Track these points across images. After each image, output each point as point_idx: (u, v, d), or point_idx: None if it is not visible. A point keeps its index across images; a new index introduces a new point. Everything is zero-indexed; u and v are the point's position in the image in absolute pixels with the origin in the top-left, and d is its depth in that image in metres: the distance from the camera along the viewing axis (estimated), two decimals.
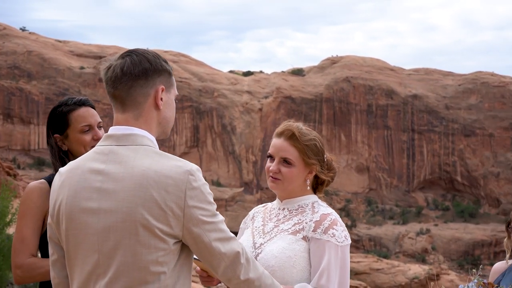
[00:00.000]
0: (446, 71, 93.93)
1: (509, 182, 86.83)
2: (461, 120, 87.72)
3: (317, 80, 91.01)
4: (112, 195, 2.22)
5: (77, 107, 3.31)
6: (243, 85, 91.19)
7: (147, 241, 2.18)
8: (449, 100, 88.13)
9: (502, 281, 3.73)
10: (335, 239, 2.70)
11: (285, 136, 2.83)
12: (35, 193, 3.24)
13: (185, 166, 2.22)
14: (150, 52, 2.36)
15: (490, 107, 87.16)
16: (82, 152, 3.28)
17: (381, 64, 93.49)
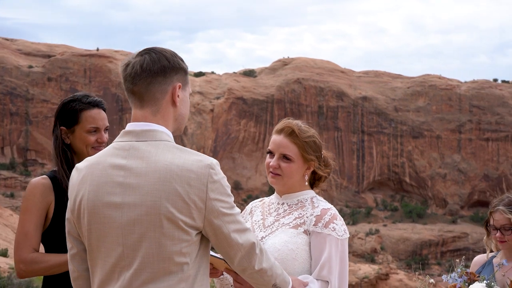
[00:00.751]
0: (395, 74, 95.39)
1: (456, 183, 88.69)
2: (410, 122, 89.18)
3: (268, 82, 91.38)
4: (136, 189, 2.28)
5: (91, 108, 3.36)
6: (195, 85, 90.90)
7: (171, 233, 2.25)
8: (398, 102, 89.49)
9: (482, 272, 3.86)
10: (336, 233, 2.80)
11: (285, 133, 2.92)
12: (37, 189, 3.27)
13: (206, 160, 2.31)
14: (167, 50, 2.44)
15: (437, 109, 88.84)
16: (84, 150, 3.33)
17: (331, 66, 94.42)
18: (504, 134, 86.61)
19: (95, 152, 3.33)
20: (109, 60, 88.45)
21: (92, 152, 3.33)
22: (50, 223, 3.28)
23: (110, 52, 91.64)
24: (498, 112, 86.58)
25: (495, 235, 3.86)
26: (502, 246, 3.88)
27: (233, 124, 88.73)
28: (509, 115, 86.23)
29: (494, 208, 3.89)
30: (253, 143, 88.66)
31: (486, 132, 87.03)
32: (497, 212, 3.86)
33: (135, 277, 2.27)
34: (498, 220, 3.84)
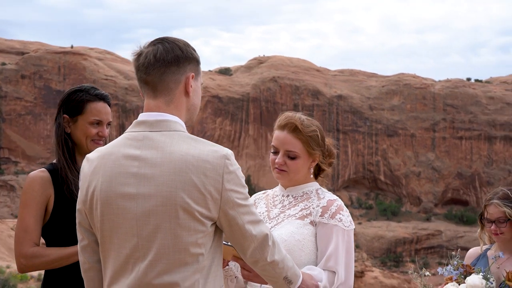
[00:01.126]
0: (370, 73, 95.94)
1: (430, 181, 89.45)
2: (384, 121, 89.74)
3: (244, 80, 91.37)
4: (151, 180, 2.26)
5: (97, 100, 3.34)
6: None
7: (187, 223, 2.24)
8: (373, 101, 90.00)
9: (477, 265, 3.89)
10: (342, 224, 2.81)
11: (288, 129, 2.91)
12: (36, 182, 3.23)
13: (221, 151, 2.30)
14: (180, 40, 2.43)
15: (412, 108, 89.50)
16: (83, 142, 3.30)
17: (307, 64, 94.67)
18: (477, 133, 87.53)
19: (94, 145, 3.30)
20: (83, 57, 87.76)
21: (91, 145, 3.30)
22: (50, 217, 3.25)
23: (84, 49, 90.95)
24: (471, 111, 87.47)
25: (490, 228, 3.89)
26: (497, 239, 3.92)
27: (209, 122, 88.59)
28: (482, 114, 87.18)
29: (488, 201, 3.92)
30: (229, 141, 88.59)
31: (460, 131, 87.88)
32: (491, 205, 3.89)
33: (150, 268, 2.25)
34: (493, 213, 3.87)
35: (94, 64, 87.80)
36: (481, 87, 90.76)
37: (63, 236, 3.24)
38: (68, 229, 3.22)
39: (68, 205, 3.22)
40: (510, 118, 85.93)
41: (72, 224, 3.21)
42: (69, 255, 3.18)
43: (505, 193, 3.90)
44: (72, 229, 3.21)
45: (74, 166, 3.29)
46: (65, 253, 3.19)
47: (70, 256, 3.18)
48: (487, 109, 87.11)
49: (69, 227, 3.21)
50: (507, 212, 3.83)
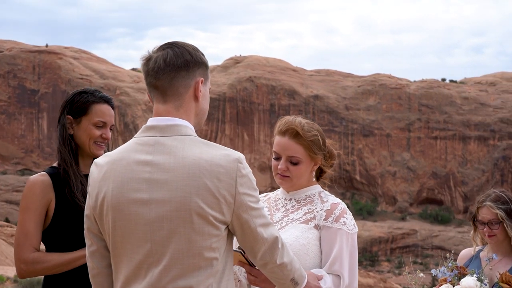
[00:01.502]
0: (346, 73, 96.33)
1: (405, 181, 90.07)
2: (360, 121, 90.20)
3: (220, 80, 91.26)
4: (164, 185, 2.26)
5: (102, 102, 3.32)
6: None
7: (202, 228, 2.24)
8: (348, 101, 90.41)
9: (470, 266, 3.93)
10: (346, 227, 2.83)
11: (289, 134, 2.91)
12: (37, 186, 3.18)
13: (234, 155, 2.31)
14: (189, 45, 2.42)
15: (387, 108, 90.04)
16: (86, 144, 3.26)
17: (283, 64, 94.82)
18: (451, 133, 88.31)
19: (96, 147, 3.27)
20: (58, 56, 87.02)
21: (94, 147, 3.27)
22: (51, 222, 3.20)
23: (60, 48, 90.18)
24: (446, 111, 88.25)
25: (483, 229, 3.94)
26: (490, 241, 3.96)
27: None
28: (456, 114, 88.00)
29: (481, 203, 3.97)
30: None
31: (435, 131, 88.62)
32: (484, 208, 3.94)
33: (164, 273, 2.25)
34: (486, 216, 3.92)
35: (69, 63, 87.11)
36: (455, 87, 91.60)
37: (63, 241, 3.20)
38: (69, 234, 3.18)
39: (69, 209, 3.19)
40: (484, 118, 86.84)
41: (73, 229, 3.18)
42: (69, 261, 3.15)
43: (497, 195, 3.95)
44: (73, 234, 3.18)
45: (77, 168, 3.26)
46: (66, 259, 3.15)
47: (71, 262, 3.15)
48: (461, 109, 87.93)
49: (70, 232, 3.18)
50: (499, 214, 3.88)
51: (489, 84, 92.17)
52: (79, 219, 3.14)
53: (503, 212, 3.87)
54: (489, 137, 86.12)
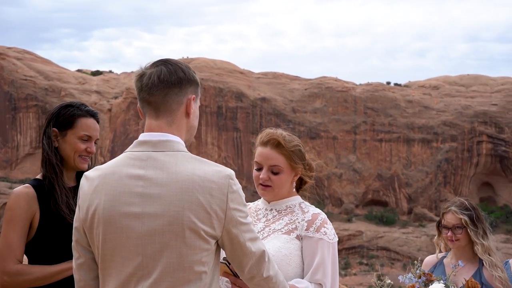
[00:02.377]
0: (293, 75, 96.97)
1: (351, 182, 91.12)
2: (307, 123, 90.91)
3: None
4: (157, 200, 2.30)
5: (87, 116, 3.34)
6: (92, 84, 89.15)
7: (193, 242, 2.29)
8: (295, 104, 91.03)
9: (434, 273, 4.05)
10: (327, 237, 2.91)
11: (271, 144, 2.98)
12: (21, 198, 3.17)
13: (225, 171, 2.38)
14: (182, 63, 2.51)
15: (334, 111, 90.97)
16: (71, 157, 3.27)
17: (231, 67, 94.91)
18: (396, 135, 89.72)
19: (81, 160, 3.29)
20: (1, 57, 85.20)
21: (78, 161, 3.28)
22: (35, 234, 3.19)
23: (2, 49, 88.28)
24: (391, 114, 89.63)
25: (447, 234, 4.08)
26: (453, 245, 4.10)
27: (132, 124, 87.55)
28: (401, 117, 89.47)
29: (446, 209, 4.13)
30: None
31: (380, 133, 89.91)
32: (449, 213, 4.09)
33: (154, 287, 2.28)
34: (450, 221, 4.07)
35: (13, 64, 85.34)
36: (400, 90, 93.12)
37: (47, 254, 3.20)
38: (53, 246, 3.18)
39: (54, 221, 3.19)
40: (427, 121, 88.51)
41: (58, 241, 3.18)
42: (53, 273, 3.14)
43: (462, 202, 4.11)
44: (58, 246, 3.18)
45: (62, 180, 3.26)
46: (49, 272, 3.14)
47: (54, 274, 3.14)
48: (405, 112, 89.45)
49: (54, 244, 3.18)
50: (463, 219, 4.02)
51: (433, 87, 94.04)
52: (64, 231, 3.14)
53: (467, 217, 4.02)
54: (432, 139, 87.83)
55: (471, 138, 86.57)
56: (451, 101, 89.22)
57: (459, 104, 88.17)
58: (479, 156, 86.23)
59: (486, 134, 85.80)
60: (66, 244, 3.19)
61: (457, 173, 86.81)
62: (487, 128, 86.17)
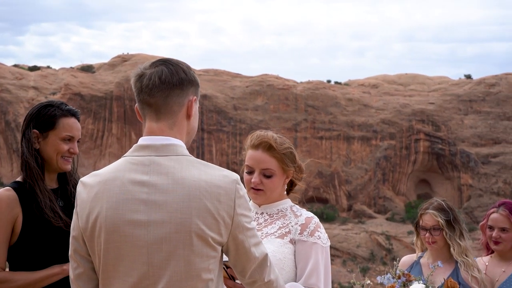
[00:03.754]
0: (234, 73, 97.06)
1: None
2: (248, 121, 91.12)
3: (107, 78, 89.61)
4: (163, 207, 2.21)
5: (69, 115, 3.20)
6: (29, 80, 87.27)
7: (201, 250, 2.22)
8: (237, 101, 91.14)
9: (411, 273, 4.07)
10: (321, 241, 2.88)
11: (263, 148, 2.94)
12: (3, 202, 3.04)
13: (231, 176, 2.32)
14: (182, 62, 2.40)
15: (275, 108, 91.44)
16: (53, 158, 3.13)
17: None
18: (336, 133, 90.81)
19: (64, 161, 3.16)
20: None
21: (61, 162, 3.16)
22: (18, 238, 3.05)
23: None
24: (331, 112, 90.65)
25: (425, 235, 4.11)
26: (430, 247, 4.13)
27: None
28: (341, 115, 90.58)
29: (424, 210, 4.15)
30: (91, 141, 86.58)
31: (320, 131, 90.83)
32: (427, 215, 4.12)
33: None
34: (428, 222, 4.10)
35: None
36: (340, 89, 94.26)
37: (31, 259, 3.07)
38: (37, 251, 3.05)
39: (38, 225, 3.05)
40: (366, 119, 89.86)
41: (42, 246, 3.04)
42: (38, 280, 3.02)
43: (439, 203, 4.14)
44: (42, 250, 3.05)
45: (43, 183, 3.12)
46: (34, 278, 3.01)
47: (39, 281, 3.02)
48: (346, 110, 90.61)
49: (38, 249, 3.05)
50: (440, 222, 4.05)
51: (372, 86, 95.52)
52: (49, 235, 3.02)
53: (443, 220, 4.05)
54: (371, 137, 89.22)
55: (409, 136, 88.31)
56: (390, 100, 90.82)
57: (397, 103, 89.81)
58: (417, 154, 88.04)
59: (423, 132, 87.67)
60: (51, 248, 3.09)
61: (395, 170, 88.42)
62: (424, 126, 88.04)
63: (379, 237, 75.96)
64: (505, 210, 4.13)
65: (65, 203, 3.22)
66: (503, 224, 4.11)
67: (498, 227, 4.13)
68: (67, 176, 3.30)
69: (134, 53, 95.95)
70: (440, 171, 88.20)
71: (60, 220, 3.09)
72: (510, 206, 4.17)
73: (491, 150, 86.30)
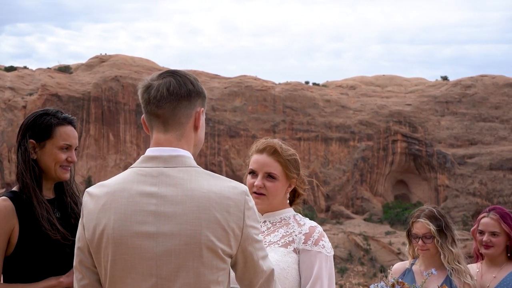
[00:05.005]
0: (213, 74, 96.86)
1: None
2: (227, 122, 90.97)
3: (85, 78, 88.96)
4: (172, 218, 2.21)
5: (65, 124, 3.16)
6: (5, 80, 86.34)
7: (210, 262, 2.21)
8: (215, 102, 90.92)
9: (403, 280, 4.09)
10: (325, 250, 2.90)
11: (267, 152, 2.95)
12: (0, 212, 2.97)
13: (240, 187, 2.31)
14: (190, 74, 2.40)
15: (253, 109, 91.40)
16: (51, 167, 3.09)
17: (150, 64, 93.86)
18: (314, 134, 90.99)
19: (62, 171, 3.13)
20: None
21: (59, 171, 3.12)
22: (14, 250, 3.01)
23: None
24: (309, 113, 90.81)
25: (417, 242, 4.15)
26: (423, 254, 4.17)
27: None
28: (319, 116, 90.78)
29: (415, 218, 4.19)
30: None
31: (299, 132, 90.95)
32: (418, 223, 4.16)
33: None
34: (420, 230, 4.13)
35: None
36: (318, 90, 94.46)
37: (26, 271, 3.01)
38: (33, 263, 3.01)
39: (34, 237, 3.01)
40: (344, 120, 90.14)
41: (37, 258, 3.00)
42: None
43: (430, 211, 4.18)
44: (38, 263, 3.00)
45: (41, 195, 3.08)
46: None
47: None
48: (323, 111, 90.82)
49: (35, 261, 3.00)
50: (432, 229, 4.10)
51: (350, 87, 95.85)
52: (46, 248, 2.99)
53: (435, 228, 4.10)
54: (349, 138, 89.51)
55: (387, 137, 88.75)
56: (367, 101, 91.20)
57: (375, 104, 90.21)
58: (394, 155, 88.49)
59: (400, 133, 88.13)
60: (48, 260, 3.03)
61: (373, 171, 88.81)
62: (401, 127, 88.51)
63: (357, 237, 76.22)
64: (495, 215, 4.19)
65: (61, 213, 3.17)
66: (494, 228, 4.17)
67: (488, 231, 4.18)
68: (63, 185, 3.25)
69: (112, 53, 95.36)
70: (417, 172, 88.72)
71: (58, 233, 3.04)
72: (501, 211, 4.24)
73: (467, 151, 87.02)
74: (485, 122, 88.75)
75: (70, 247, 3.02)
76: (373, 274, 65.68)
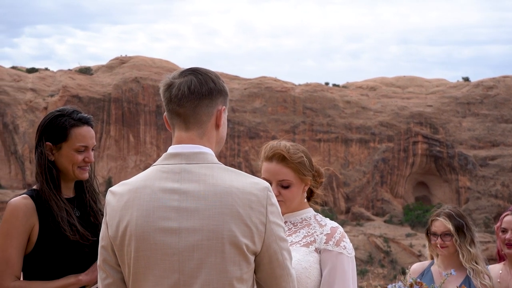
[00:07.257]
0: (233, 75, 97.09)
1: None
2: (246, 123, 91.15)
3: (105, 80, 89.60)
4: (195, 214, 2.20)
5: (80, 125, 3.14)
6: (27, 82, 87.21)
7: (234, 258, 2.20)
8: (235, 103, 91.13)
9: (422, 280, 4.03)
10: (347, 251, 2.89)
11: (276, 159, 2.93)
12: (20, 210, 3.00)
13: (262, 183, 2.28)
14: (212, 72, 2.39)
15: (273, 111, 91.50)
16: (69, 169, 3.10)
17: (169, 65, 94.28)
18: (334, 135, 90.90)
19: (80, 171, 3.13)
20: None
21: (78, 172, 3.12)
22: (34, 247, 3.02)
23: None
24: (329, 114, 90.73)
25: (435, 241, 4.11)
26: (442, 252, 4.13)
27: None
28: (339, 117, 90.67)
29: (435, 217, 4.15)
30: None
31: (318, 133, 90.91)
32: (437, 221, 4.13)
33: None
34: (439, 228, 4.10)
35: None
36: (338, 91, 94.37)
37: (45, 269, 3.04)
38: (52, 262, 3.03)
39: (53, 237, 3.03)
40: (364, 121, 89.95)
41: (56, 256, 3.02)
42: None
43: (450, 210, 4.14)
44: (56, 261, 3.02)
45: (59, 196, 3.08)
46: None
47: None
48: (344, 112, 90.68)
49: (53, 259, 3.02)
50: (450, 228, 4.06)
51: (370, 88, 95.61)
52: (65, 247, 3.00)
53: (454, 226, 4.05)
54: (369, 139, 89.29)
55: (407, 138, 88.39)
56: (388, 102, 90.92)
57: (395, 105, 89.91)
58: (415, 156, 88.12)
59: (421, 135, 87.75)
60: (66, 259, 3.05)
61: (393, 173, 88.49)
62: (422, 128, 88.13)
63: (377, 239, 75.98)
64: None
65: (81, 212, 3.18)
66: None
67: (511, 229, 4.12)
68: (83, 183, 3.26)
69: (132, 55, 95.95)
70: (438, 174, 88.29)
71: (77, 234, 3.05)
72: None
73: (489, 152, 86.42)
74: (507, 123, 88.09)
75: (88, 247, 3.06)
76: (394, 276, 65.40)
